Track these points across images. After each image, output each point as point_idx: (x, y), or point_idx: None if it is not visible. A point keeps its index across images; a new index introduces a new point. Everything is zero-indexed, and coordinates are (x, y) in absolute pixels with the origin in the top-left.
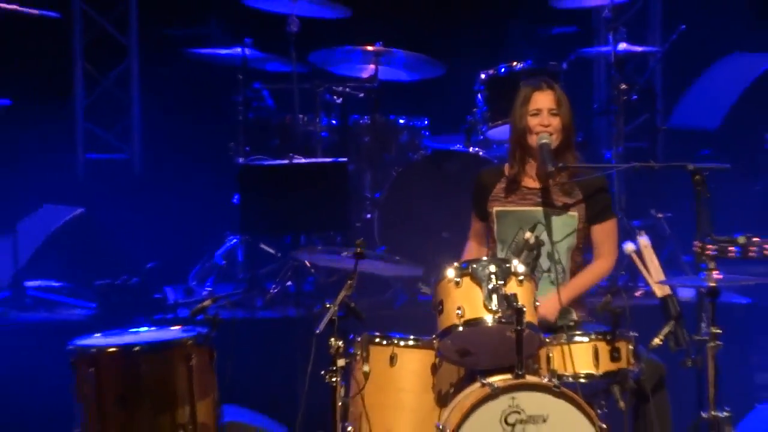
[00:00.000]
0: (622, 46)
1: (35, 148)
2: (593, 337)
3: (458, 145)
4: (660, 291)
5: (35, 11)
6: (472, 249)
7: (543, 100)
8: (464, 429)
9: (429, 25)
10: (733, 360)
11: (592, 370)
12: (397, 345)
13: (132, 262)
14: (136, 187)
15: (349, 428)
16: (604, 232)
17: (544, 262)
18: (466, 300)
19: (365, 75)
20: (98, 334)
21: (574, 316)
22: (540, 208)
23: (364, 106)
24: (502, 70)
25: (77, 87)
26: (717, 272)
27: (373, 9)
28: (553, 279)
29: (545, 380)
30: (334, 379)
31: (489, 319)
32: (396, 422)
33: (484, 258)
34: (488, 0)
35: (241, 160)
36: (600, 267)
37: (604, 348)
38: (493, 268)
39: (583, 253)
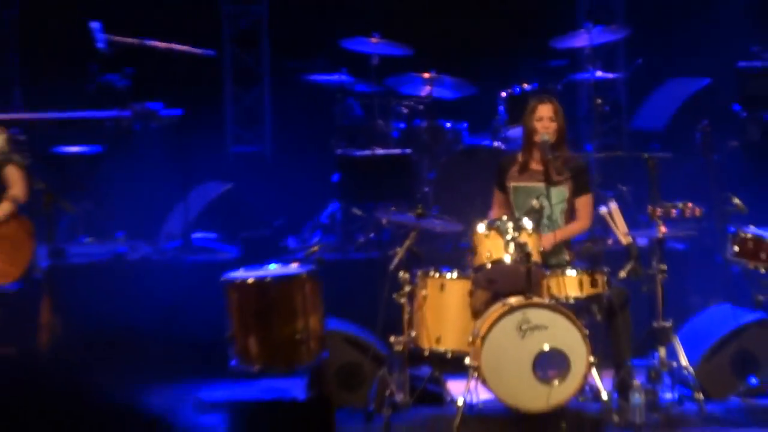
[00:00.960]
0: (598, 73)
1: (198, 144)
2: (579, 271)
3: (486, 141)
4: (625, 240)
5: (199, 51)
6: (496, 212)
7: (544, 110)
8: (491, 334)
9: (467, 59)
10: (673, 287)
11: (578, 294)
12: (445, 277)
13: (265, 220)
14: (267, 170)
15: (413, 333)
16: (582, 203)
17: (545, 220)
18: (492, 246)
19: (423, 93)
20: (242, 270)
21: (567, 257)
22: (542, 184)
23: (422, 115)
24: (517, 90)
25: (227, 102)
26: (663, 227)
27: (428, 48)
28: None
29: (546, 300)
30: (402, 300)
31: (507, 259)
32: (444, 330)
33: (504, 217)
34: (508, 42)
35: (338, 151)
36: (579, 225)
37: (586, 278)
38: (510, 224)
39: (571, 215)
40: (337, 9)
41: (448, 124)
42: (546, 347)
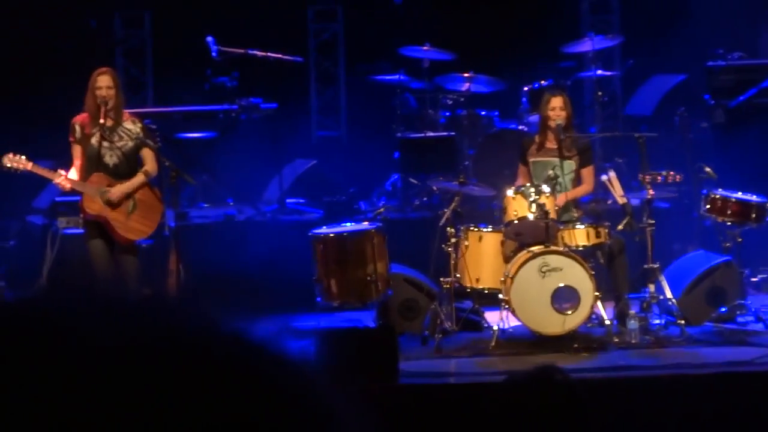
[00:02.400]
0: (599, 72)
1: (290, 130)
2: (586, 225)
3: (512, 126)
4: (621, 201)
5: (291, 58)
6: (521, 180)
7: (557, 101)
8: (518, 275)
9: (497, 61)
10: (659, 237)
11: (586, 243)
12: (482, 231)
13: (342, 188)
14: (343, 150)
15: (458, 275)
16: (587, 173)
17: (558, 187)
18: (518, 206)
19: (463, 89)
20: (325, 227)
21: (575, 214)
22: (556, 159)
23: (463, 105)
24: (536, 85)
25: (312, 97)
26: (651, 190)
27: (468, 53)
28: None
29: (561, 248)
30: (449, 249)
31: (531, 216)
32: (482, 272)
33: (528, 184)
34: (528, 48)
35: (398, 134)
36: (584, 189)
37: (591, 231)
38: (532, 190)
39: (578, 182)
40: (396, 24)
41: (483, 113)
42: (561, 284)
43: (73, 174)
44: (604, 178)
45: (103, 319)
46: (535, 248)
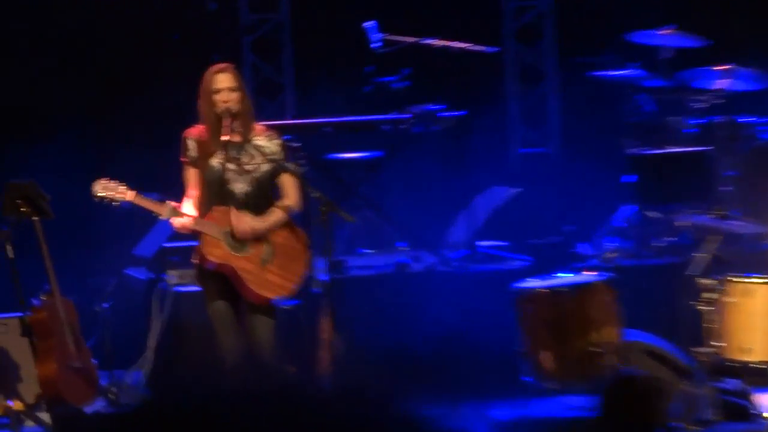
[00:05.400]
0: None
1: (481, 146)
2: None
3: None
4: None
5: (480, 48)
6: None
7: None
8: None
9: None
10: None
11: None
12: (752, 282)
13: (555, 225)
14: (554, 172)
15: (718, 344)
16: None
17: None
18: None
19: (718, 87)
20: (533, 280)
21: None
22: None
23: (719, 109)
24: None
25: (510, 101)
26: None
27: (725, 37)
28: None
29: None
30: (705, 308)
31: None
32: (753, 340)
33: None
34: None
35: (629, 150)
36: None
37: None
38: None
39: None
40: (626, 1)
41: (746, 120)
42: None
43: (189, 208)
44: None
45: (235, 420)
46: None
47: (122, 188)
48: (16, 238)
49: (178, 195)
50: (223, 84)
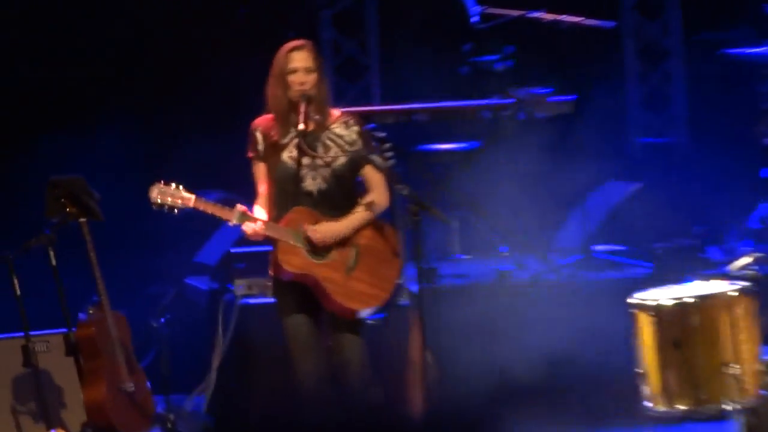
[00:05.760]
0: None
1: (595, 136)
2: None
3: None
4: None
5: (596, 22)
6: None
7: None
8: None
9: None
10: None
11: None
12: None
13: (681, 227)
14: (680, 165)
15: None
16: None
17: None
18: None
19: None
20: (655, 290)
21: None
22: None
23: None
24: None
25: (629, 83)
26: None
27: None
28: None
29: None
30: None
31: None
32: None
33: None
34: None
35: (766, 140)
36: None
37: None
38: None
39: None
40: None
41: None
42: None
43: (260, 211)
44: None
45: None
46: None
47: (182, 193)
48: (60, 242)
49: (246, 194)
50: (299, 63)
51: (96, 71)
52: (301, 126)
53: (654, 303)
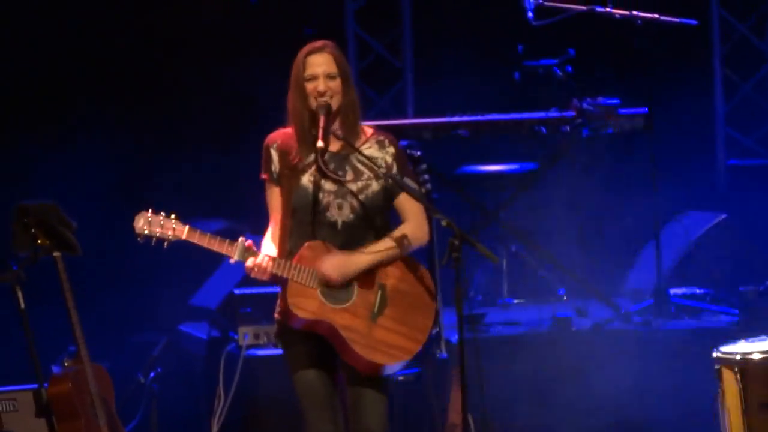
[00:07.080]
0: None
1: (673, 156)
2: None
3: None
4: None
5: (675, 19)
6: None
7: None
8: None
9: None
10: None
11: None
12: None
13: None
14: None
15: None
16: None
17: None
18: None
19: None
20: (743, 341)
21: None
22: None
23: None
24: None
25: (717, 93)
26: None
27: None
28: None
29: None
30: None
31: None
32: None
33: None
34: None
35: None
36: None
37: None
38: None
39: None
40: None
41: None
42: None
43: (269, 245)
44: None
45: None
46: None
47: (172, 223)
48: (30, 280)
49: (255, 224)
50: (319, 68)
51: (65, 67)
52: (320, 143)
53: (740, 357)
